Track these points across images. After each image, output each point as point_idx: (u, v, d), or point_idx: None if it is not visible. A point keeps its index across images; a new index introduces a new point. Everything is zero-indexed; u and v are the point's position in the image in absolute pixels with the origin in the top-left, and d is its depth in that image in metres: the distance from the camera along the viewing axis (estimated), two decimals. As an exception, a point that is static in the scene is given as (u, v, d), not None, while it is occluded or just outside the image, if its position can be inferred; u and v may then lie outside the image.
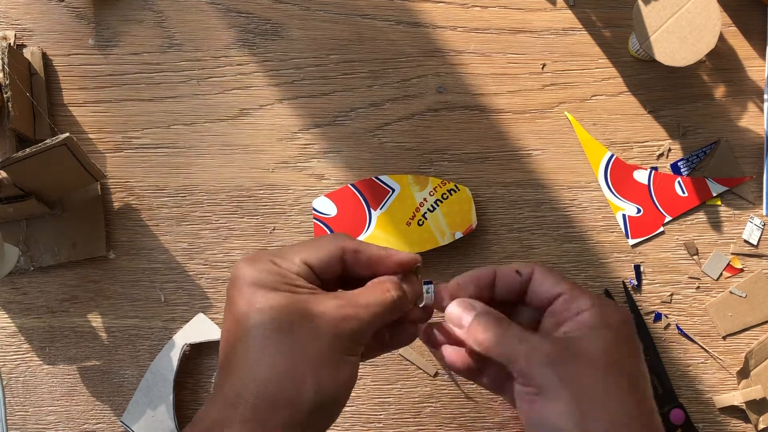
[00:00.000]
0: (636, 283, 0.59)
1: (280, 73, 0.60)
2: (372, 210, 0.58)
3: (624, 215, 0.59)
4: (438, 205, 0.57)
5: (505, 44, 0.60)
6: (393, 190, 0.58)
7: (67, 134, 0.50)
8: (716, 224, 0.59)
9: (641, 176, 0.59)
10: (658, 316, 0.58)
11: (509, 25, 0.61)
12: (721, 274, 0.59)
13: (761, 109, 0.60)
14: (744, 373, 0.58)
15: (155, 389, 0.57)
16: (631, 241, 0.59)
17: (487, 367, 0.43)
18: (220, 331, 0.44)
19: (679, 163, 0.59)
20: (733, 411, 0.58)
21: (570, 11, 0.61)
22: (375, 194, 0.58)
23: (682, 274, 0.59)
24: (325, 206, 0.58)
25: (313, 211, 0.58)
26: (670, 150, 0.60)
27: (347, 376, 0.37)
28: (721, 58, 0.60)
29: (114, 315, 0.59)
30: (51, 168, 0.52)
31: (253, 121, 0.60)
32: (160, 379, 0.57)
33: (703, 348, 0.58)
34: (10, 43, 0.57)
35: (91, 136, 0.60)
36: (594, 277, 0.59)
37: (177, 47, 0.61)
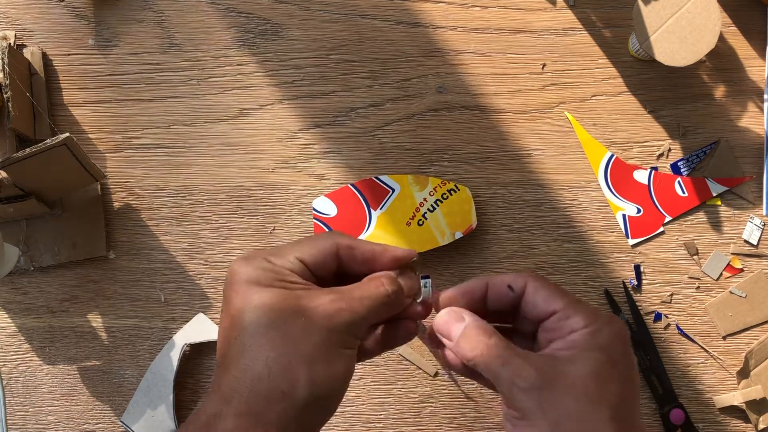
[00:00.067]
0: (636, 283, 0.59)
1: (280, 73, 0.60)
2: (372, 210, 0.58)
3: (624, 215, 0.59)
4: (438, 205, 0.57)
5: (505, 44, 0.60)
6: (393, 190, 0.58)
7: (67, 134, 0.50)
8: (716, 224, 0.59)
9: (641, 176, 0.59)
10: (658, 316, 0.58)
11: (509, 25, 0.61)
12: (721, 274, 0.59)
13: (761, 109, 0.60)
14: (744, 373, 0.58)
15: (155, 389, 0.57)
16: (631, 241, 0.59)
17: None
18: (218, 332, 0.44)
19: (679, 163, 0.59)
20: (733, 411, 0.58)
21: (570, 11, 0.61)
22: (375, 194, 0.58)
23: (682, 274, 0.59)
24: (325, 206, 0.58)
25: (313, 211, 0.58)
26: (670, 150, 0.60)
27: (342, 370, 0.37)
28: (721, 58, 0.60)
29: (114, 315, 0.59)
30: (51, 168, 0.52)
31: (253, 121, 0.60)
32: (160, 379, 0.57)
33: (703, 348, 0.58)
34: (10, 43, 0.57)
35: (91, 136, 0.60)
36: (594, 277, 0.59)
37: (177, 47, 0.61)
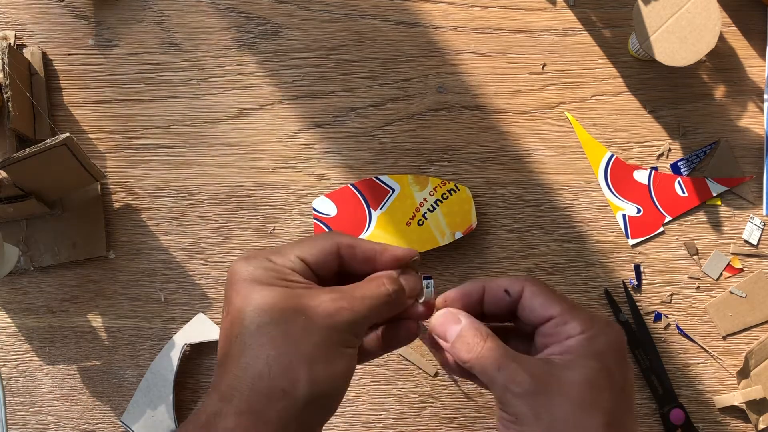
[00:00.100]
0: (636, 283, 0.59)
1: (280, 73, 0.60)
2: (372, 210, 0.58)
3: (624, 215, 0.59)
4: (438, 205, 0.57)
5: (505, 44, 0.60)
6: (393, 190, 0.58)
7: (67, 134, 0.50)
8: (716, 224, 0.59)
9: (641, 176, 0.59)
10: (658, 316, 0.58)
11: (509, 25, 0.61)
12: (721, 274, 0.59)
13: (761, 109, 0.60)
14: (744, 373, 0.58)
15: (155, 389, 0.57)
16: (631, 241, 0.59)
17: None
18: (219, 331, 0.44)
19: (679, 163, 0.59)
20: (733, 411, 0.58)
21: (570, 11, 0.61)
22: (375, 194, 0.58)
23: (682, 274, 0.59)
24: (325, 206, 0.58)
25: (313, 211, 0.58)
26: (670, 150, 0.60)
27: (343, 369, 0.37)
28: (721, 58, 0.60)
29: (114, 315, 0.59)
30: (51, 168, 0.52)
31: (253, 121, 0.60)
32: (160, 379, 0.57)
33: (703, 348, 0.58)
34: (10, 43, 0.57)
35: (91, 136, 0.60)
36: (594, 277, 0.59)
37: (177, 47, 0.61)
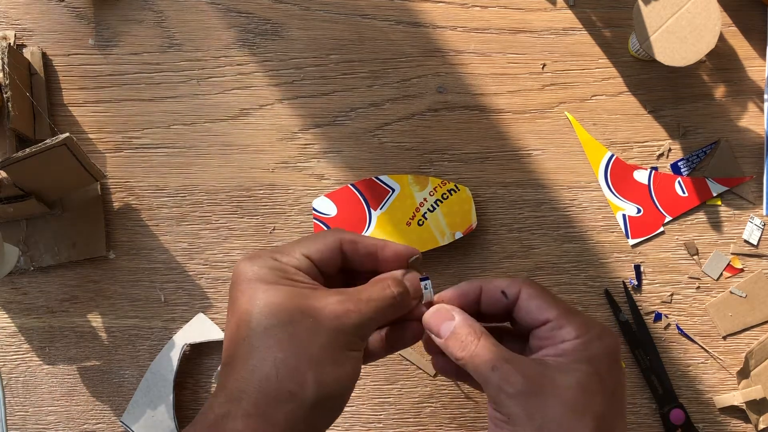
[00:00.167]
0: (636, 283, 0.59)
1: (280, 73, 0.60)
2: (372, 210, 0.58)
3: (624, 215, 0.59)
4: (438, 205, 0.57)
5: (505, 44, 0.60)
6: (393, 190, 0.58)
7: (67, 134, 0.50)
8: (716, 224, 0.59)
9: (641, 176, 0.59)
10: (658, 316, 0.58)
11: (509, 25, 0.61)
12: (721, 274, 0.59)
13: (761, 109, 0.60)
14: (744, 373, 0.57)
15: (155, 389, 0.57)
16: (631, 241, 0.59)
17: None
18: (224, 331, 0.45)
19: (679, 163, 0.59)
20: (733, 411, 0.58)
21: (570, 11, 0.61)
22: (375, 194, 0.58)
23: (682, 274, 0.59)
24: (325, 206, 0.58)
25: (313, 211, 0.58)
26: (670, 150, 0.60)
27: (349, 371, 0.38)
28: (721, 58, 0.60)
29: (114, 315, 0.59)
30: (51, 168, 0.52)
31: (253, 121, 0.60)
32: (160, 379, 0.57)
33: (703, 348, 0.58)
34: (10, 43, 0.57)
35: (91, 136, 0.60)
36: (594, 277, 0.59)
37: (177, 47, 0.61)
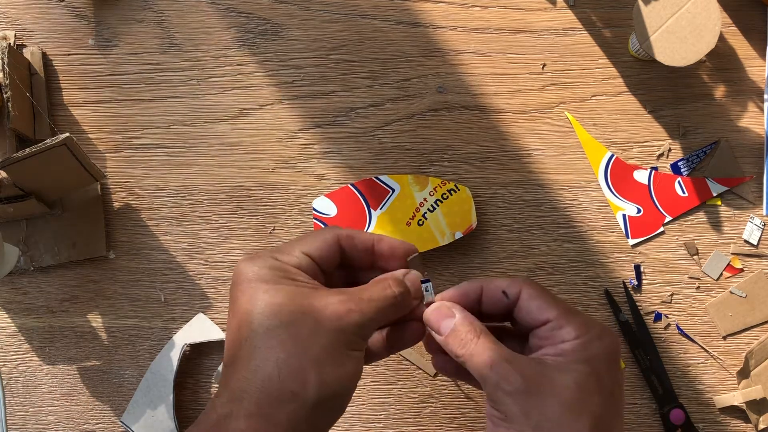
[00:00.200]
0: (636, 283, 0.59)
1: (280, 73, 0.60)
2: (372, 210, 0.58)
3: (624, 215, 0.59)
4: (438, 205, 0.57)
5: (505, 44, 0.60)
6: (393, 190, 0.58)
7: (67, 134, 0.50)
8: (716, 224, 0.59)
9: (641, 176, 0.59)
10: (658, 316, 0.58)
11: (509, 25, 0.61)
12: (721, 274, 0.59)
13: (761, 109, 0.60)
14: (744, 373, 0.57)
15: (155, 389, 0.57)
16: (631, 241, 0.59)
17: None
18: (225, 332, 0.45)
19: (679, 163, 0.59)
20: (733, 411, 0.58)
21: (570, 11, 0.61)
22: (375, 194, 0.58)
23: (682, 274, 0.59)
24: (325, 206, 0.58)
25: (313, 211, 0.58)
26: (670, 150, 0.60)
27: (351, 371, 0.38)
28: (721, 58, 0.60)
29: (114, 315, 0.59)
30: (51, 168, 0.52)
31: (253, 121, 0.60)
32: (160, 379, 0.57)
33: (703, 348, 0.58)
34: (10, 43, 0.57)
35: (91, 136, 0.60)
36: (594, 277, 0.59)
37: (177, 47, 0.61)
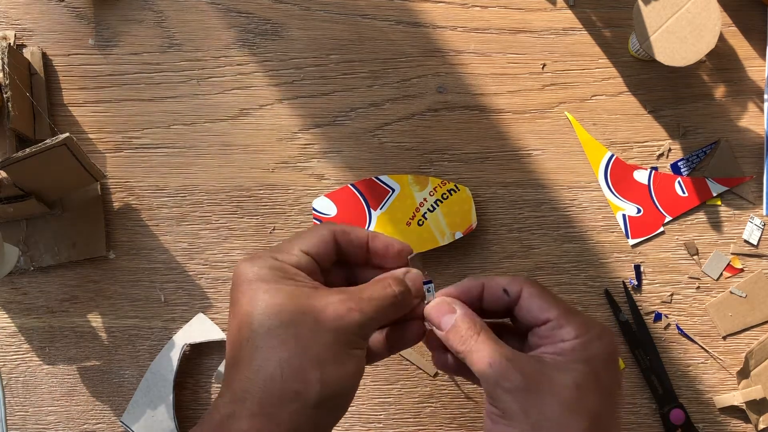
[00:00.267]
0: (636, 283, 0.59)
1: (280, 73, 0.60)
2: (372, 210, 0.58)
3: (624, 215, 0.59)
4: (438, 205, 0.57)
5: (505, 44, 0.60)
6: (393, 190, 0.58)
7: (67, 134, 0.50)
8: (716, 224, 0.59)
9: (641, 176, 0.59)
10: (658, 316, 0.58)
11: (509, 25, 0.61)
12: (721, 274, 0.59)
13: (761, 109, 0.60)
14: (744, 373, 0.57)
15: (155, 389, 0.57)
16: (631, 241, 0.59)
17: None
18: (226, 333, 0.45)
19: (679, 163, 0.59)
20: (733, 411, 0.58)
21: (570, 11, 0.61)
22: (375, 194, 0.58)
23: (682, 274, 0.59)
24: (325, 206, 0.58)
25: (313, 211, 0.58)
26: (670, 150, 0.60)
27: (353, 370, 0.38)
28: (721, 58, 0.60)
29: (114, 315, 0.59)
30: (51, 168, 0.52)
31: (253, 121, 0.60)
32: (160, 379, 0.57)
33: (703, 348, 0.58)
34: (10, 43, 0.57)
35: (91, 136, 0.60)
36: (594, 277, 0.59)
37: (177, 47, 0.61)
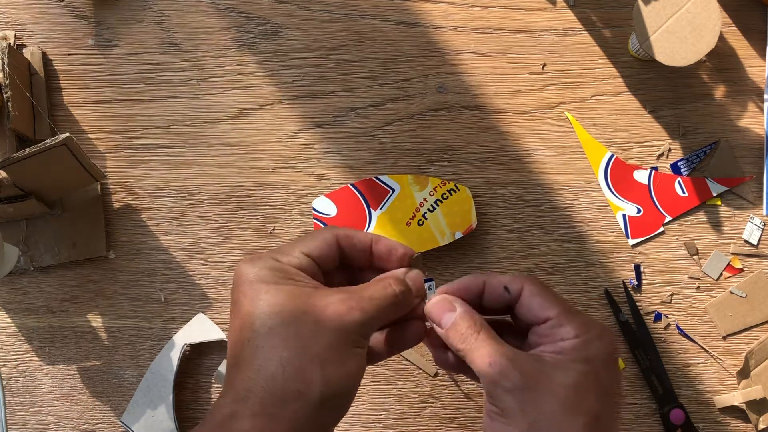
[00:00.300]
0: (636, 283, 0.59)
1: (280, 73, 0.60)
2: (372, 210, 0.58)
3: (624, 215, 0.59)
4: (438, 205, 0.57)
5: (505, 44, 0.60)
6: (393, 190, 0.58)
7: (67, 134, 0.50)
8: (716, 224, 0.59)
9: (641, 176, 0.59)
10: (658, 316, 0.58)
11: (509, 25, 0.61)
12: (721, 274, 0.59)
13: (761, 109, 0.60)
14: (744, 373, 0.58)
15: (155, 389, 0.57)
16: (631, 241, 0.59)
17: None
18: (227, 333, 0.45)
19: (679, 163, 0.59)
20: (733, 411, 0.58)
21: (570, 11, 0.61)
22: (375, 194, 0.58)
23: (682, 274, 0.59)
24: (325, 206, 0.58)
25: (313, 211, 0.58)
26: (670, 150, 0.60)
27: (354, 369, 0.38)
28: (721, 58, 0.60)
29: (114, 315, 0.59)
30: (51, 168, 0.52)
31: (253, 121, 0.60)
32: (160, 379, 0.57)
33: (703, 348, 0.58)
34: (10, 43, 0.57)
35: (91, 136, 0.60)
36: (594, 277, 0.59)
37: (177, 47, 0.61)
